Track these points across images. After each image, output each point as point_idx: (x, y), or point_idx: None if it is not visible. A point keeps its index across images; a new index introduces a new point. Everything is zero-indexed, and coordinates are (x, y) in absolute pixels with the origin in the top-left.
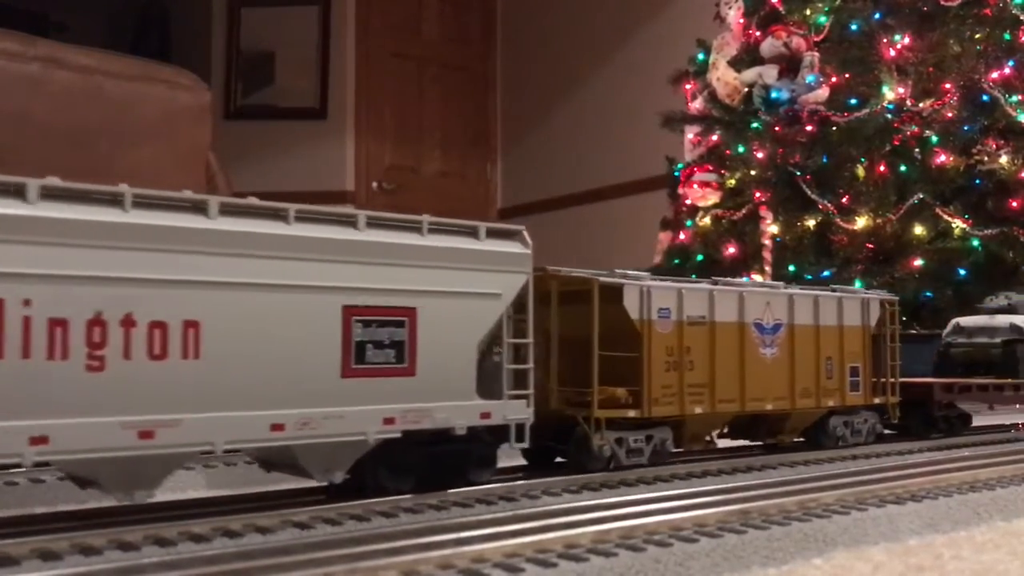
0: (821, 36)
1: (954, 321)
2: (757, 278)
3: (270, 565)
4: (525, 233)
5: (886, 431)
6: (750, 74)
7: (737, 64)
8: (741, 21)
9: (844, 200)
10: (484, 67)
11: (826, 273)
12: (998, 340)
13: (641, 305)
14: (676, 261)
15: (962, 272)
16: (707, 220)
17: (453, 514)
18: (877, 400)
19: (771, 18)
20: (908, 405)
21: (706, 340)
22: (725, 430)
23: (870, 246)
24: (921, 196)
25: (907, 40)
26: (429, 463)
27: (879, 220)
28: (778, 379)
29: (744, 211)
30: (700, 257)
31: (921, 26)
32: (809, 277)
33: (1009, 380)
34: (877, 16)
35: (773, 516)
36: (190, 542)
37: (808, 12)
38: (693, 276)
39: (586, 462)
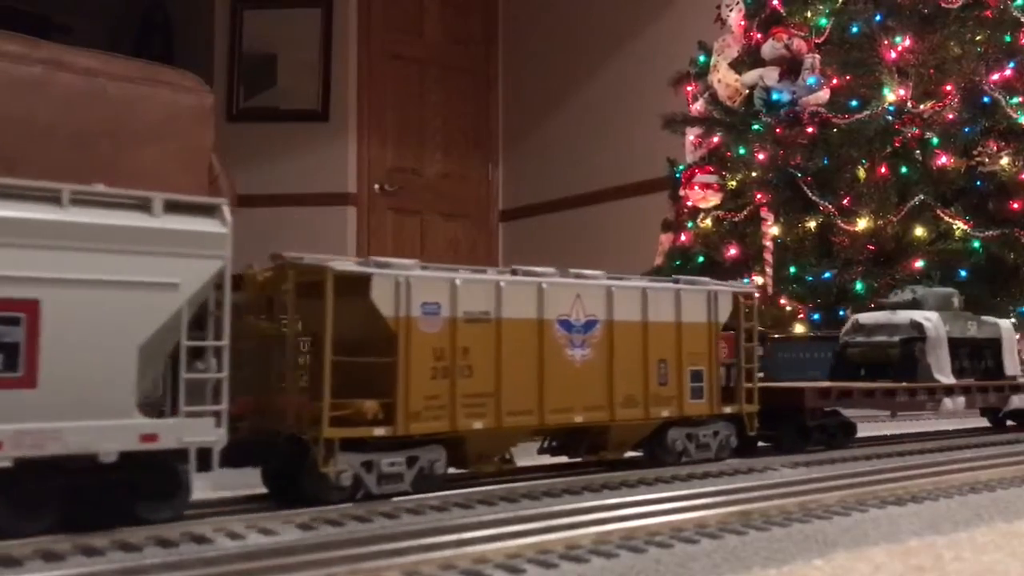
0: (822, 38)
1: (853, 317)
2: (758, 280)
3: (272, 566)
4: (226, 208)
5: (760, 444)
6: (751, 76)
7: (738, 66)
8: (742, 23)
9: (845, 202)
10: (486, 69)
11: (827, 275)
12: (896, 339)
13: (397, 299)
14: (677, 263)
15: (963, 273)
16: (708, 222)
17: (455, 515)
18: (728, 409)
19: (772, 20)
20: (780, 414)
21: (490, 341)
22: (552, 444)
23: (871, 247)
24: (922, 198)
25: (908, 42)
26: (70, 498)
27: (880, 222)
28: (592, 386)
29: (745, 213)
30: (701, 259)
31: (922, 28)
32: (810, 279)
33: (903, 384)
34: (878, 18)
35: (774, 517)
36: (192, 543)
37: (809, 14)
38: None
39: (320, 493)
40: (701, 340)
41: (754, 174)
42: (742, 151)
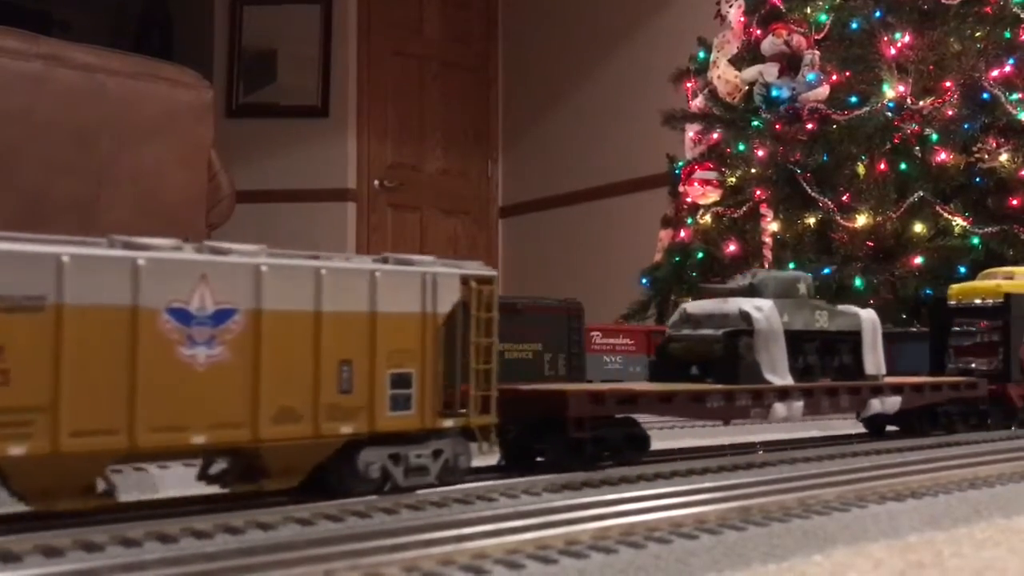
0: (822, 34)
1: (681, 306)
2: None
3: (272, 561)
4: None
5: (518, 461)
6: (751, 72)
7: (738, 62)
8: (742, 19)
9: (844, 198)
10: (486, 65)
11: (826, 271)
12: (720, 332)
13: None
14: (676, 259)
15: (962, 270)
16: (708, 218)
17: (454, 511)
18: (450, 422)
19: (772, 16)
20: (547, 425)
21: (43, 336)
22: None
23: (870, 244)
24: (921, 194)
25: (907, 38)
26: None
27: (879, 218)
28: (224, 396)
29: (745, 209)
30: (700, 255)
31: (922, 24)
32: (810, 276)
33: (717, 387)
34: (878, 14)
35: (773, 513)
36: (192, 538)
37: (809, 10)
38: (694, 274)
39: None
40: (410, 335)
41: (753, 170)
42: (742, 147)
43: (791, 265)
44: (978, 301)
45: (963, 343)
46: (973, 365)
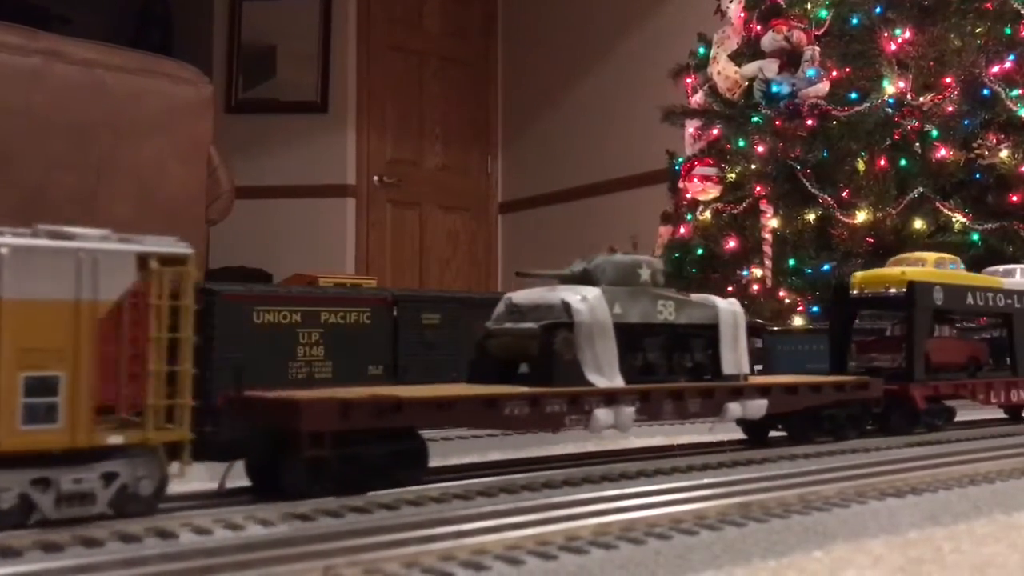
0: (822, 30)
1: (507, 296)
2: (757, 272)
3: (272, 557)
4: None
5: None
6: (751, 68)
7: (738, 58)
8: (742, 15)
9: (844, 194)
10: (485, 61)
11: (826, 267)
12: (539, 326)
13: None
14: (676, 255)
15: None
16: (707, 214)
17: (454, 506)
18: (119, 438)
19: (772, 12)
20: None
21: None
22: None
23: (870, 240)
24: (921, 190)
25: (908, 34)
26: None
27: (879, 214)
28: None
29: (744, 205)
30: (700, 251)
31: (922, 20)
32: (809, 272)
33: (522, 390)
34: (878, 10)
35: (773, 509)
36: (192, 534)
37: (809, 6)
38: (694, 270)
39: None
40: (55, 330)
41: (753, 166)
42: (741, 143)
43: (791, 262)
44: (881, 291)
45: (867, 338)
46: (876, 363)
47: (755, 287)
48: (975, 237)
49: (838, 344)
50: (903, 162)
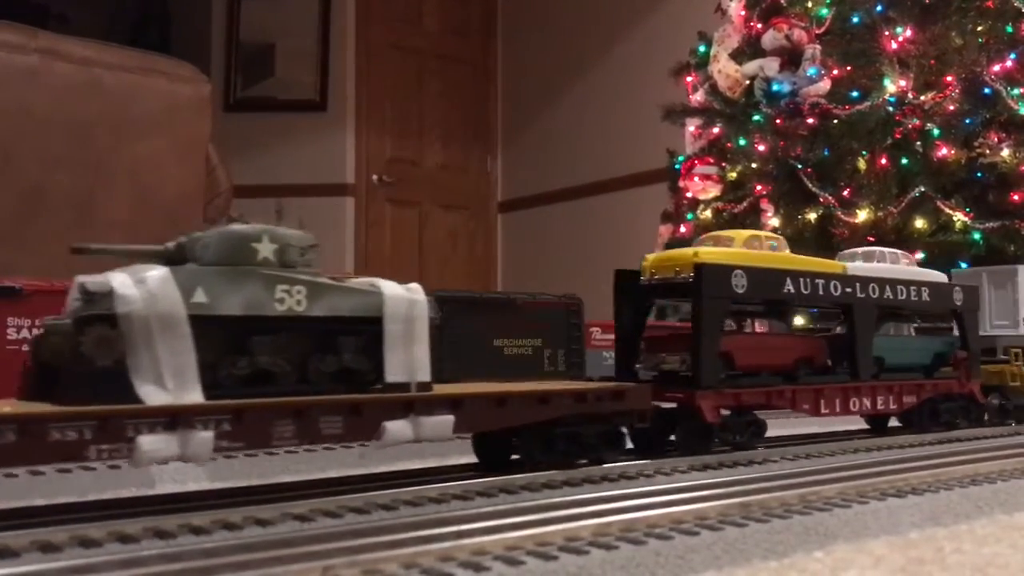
0: (823, 28)
1: (79, 279)
2: None
3: (270, 558)
4: None
5: None
6: (751, 66)
7: (738, 56)
8: (742, 13)
9: (845, 193)
10: (485, 60)
11: None
12: (71, 320)
13: None
14: None
15: (963, 265)
16: (708, 213)
17: (453, 507)
18: None
19: (773, 10)
20: None
21: None
22: None
23: (871, 239)
24: (922, 189)
25: (909, 33)
26: None
27: (880, 213)
28: None
29: (745, 204)
30: None
31: (923, 19)
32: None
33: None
34: (879, 9)
35: (774, 509)
36: (190, 534)
37: (810, 4)
38: None
39: None
40: None
41: (754, 165)
42: (742, 142)
43: None
44: (671, 276)
45: (658, 334)
46: (665, 365)
47: None
48: (976, 236)
49: (625, 342)
50: (904, 161)
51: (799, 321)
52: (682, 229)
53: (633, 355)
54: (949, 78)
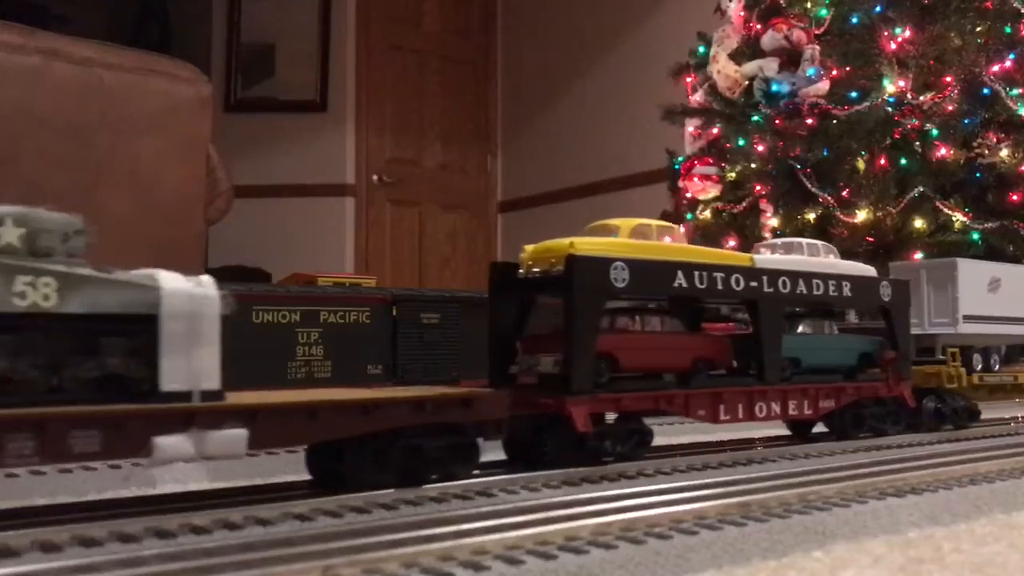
0: (822, 29)
1: None
2: None
3: (271, 557)
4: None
5: None
6: (751, 67)
7: (738, 57)
8: (742, 14)
9: (844, 193)
10: (485, 60)
11: None
12: None
13: None
14: None
15: None
16: (707, 213)
17: (453, 506)
18: None
19: (772, 11)
20: None
21: None
22: None
23: (870, 239)
24: (921, 189)
25: (908, 33)
26: None
27: (879, 213)
28: None
29: (744, 204)
30: None
31: (922, 19)
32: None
33: None
34: (878, 9)
35: (773, 509)
36: (191, 534)
37: (809, 5)
38: None
39: None
40: None
41: (753, 165)
42: (741, 142)
43: None
44: (548, 269)
45: (537, 332)
46: (540, 367)
47: None
48: (975, 236)
49: (500, 342)
50: (903, 161)
51: None
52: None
53: (509, 357)
54: (948, 78)
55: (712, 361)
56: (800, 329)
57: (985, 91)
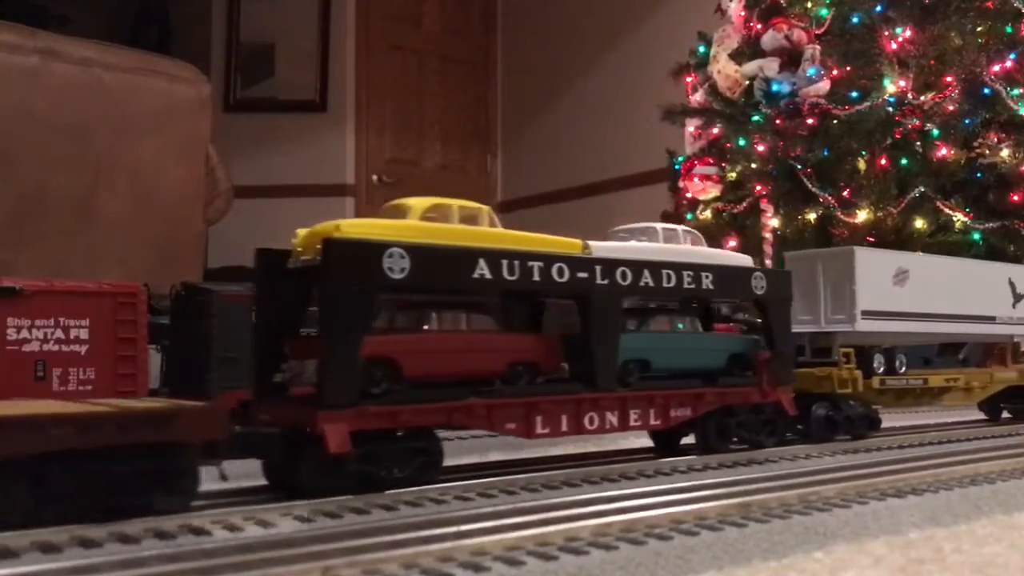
0: (822, 29)
1: None
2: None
3: (271, 558)
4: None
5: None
6: (751, 67)
7: (738, 57)
8: (742, 13)
9: (845, 193)
10: (485, 60)
11: None
12: None
13: None
14: None
15: None
16: (708, 213)
17: (453, 507)
18: None
19: (772, 11)
20: None
21: None
22: None
23: (871, 240)
24: (922, 189)
25: (908, 33)
26: None
27: (880, 213)
28: None
29: (745, 204)
30: None
31: (922, 19)
32: None
33: None
34: (878, 9)
35: (774, 509)
36: (190, 535)
37: (809, 5)
38: None
39: None
40: None
41: (754, 166)
42: (742, 142)
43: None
44: (315, 256)
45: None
46: (306, 374)
47: None
48: (976, 236)
49: (265, 344)
50: (904, 161)
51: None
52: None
53: (273, 360)
54: (949, 78)
55: (535, 365)
56: (652, 327)
57: (986, 91)
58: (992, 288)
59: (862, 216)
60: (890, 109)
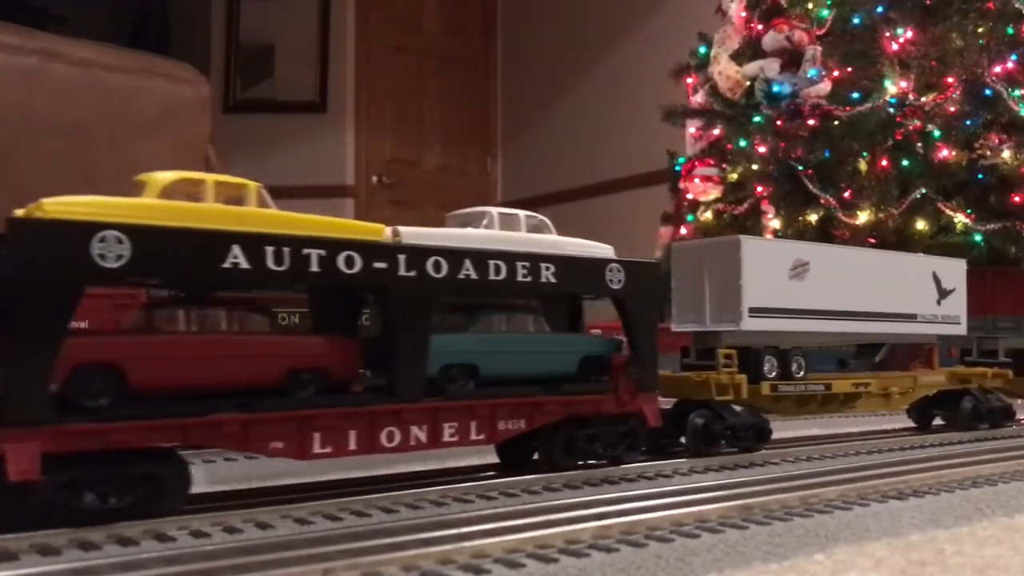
0: (823, 30)
1: None
2: None
3: (270, 560)
4: None
5: None
6: (752, 68)
7: (739, 58)
8: (743, 14)
9: (846, 194)
10: (485, 60)
11: None
12: None
13: None
14: None
15: None
16: (708, 214)
17: (453, 509)
18: None
19: (773, 12)
20: None
21: None
22: None
23: (872, 241)
24: (923, 191)
25: (910, 34)
26: None
27: (881, 215)
28: None
29: (746, 206)
30: None
31: (924, 20)
32: None
33: None
34: (880, 10)
35: (775, 511)
36: (190, 537)
37: (810, 6)
38: None
39: None
40: None
41: (755, 167)
42: (743, 143)
43: None
44: None
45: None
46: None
47: None
48: (977, 238)
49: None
50: (905, 162)
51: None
52: (683, 231)
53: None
54: (950, 79)
55: (326, 372)
56: (483, 327)
57: (987, 92)
58: (913, 283)
59: (863, 217)
60: (891, 110)
